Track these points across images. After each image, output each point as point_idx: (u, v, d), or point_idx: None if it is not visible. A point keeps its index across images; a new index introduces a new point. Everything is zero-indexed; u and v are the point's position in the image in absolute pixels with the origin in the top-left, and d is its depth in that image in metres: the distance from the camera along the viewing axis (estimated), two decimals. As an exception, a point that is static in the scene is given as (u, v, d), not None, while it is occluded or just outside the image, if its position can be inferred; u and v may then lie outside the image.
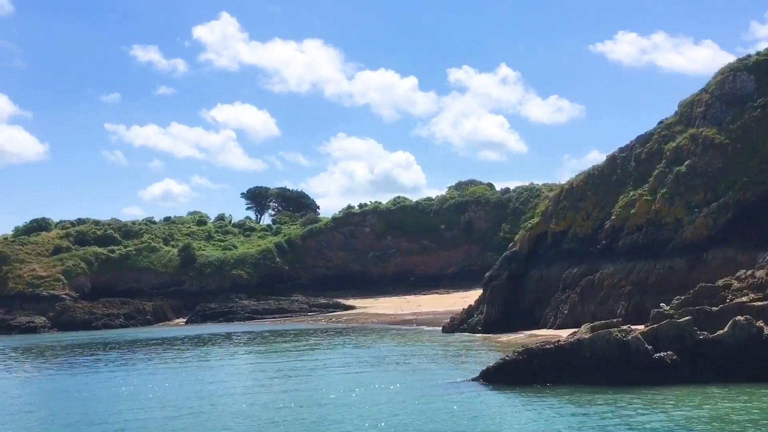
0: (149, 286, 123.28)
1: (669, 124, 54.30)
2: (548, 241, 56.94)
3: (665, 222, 49.52)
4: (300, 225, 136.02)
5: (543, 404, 23.23)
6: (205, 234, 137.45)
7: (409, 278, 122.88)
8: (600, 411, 22.03)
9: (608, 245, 52.08)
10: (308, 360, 41.77)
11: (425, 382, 28.64)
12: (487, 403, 23.84)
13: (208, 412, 25.98)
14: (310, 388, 29.50)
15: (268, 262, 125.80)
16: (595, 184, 55.99)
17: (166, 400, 28.95)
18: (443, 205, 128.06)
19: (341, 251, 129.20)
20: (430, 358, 39.42)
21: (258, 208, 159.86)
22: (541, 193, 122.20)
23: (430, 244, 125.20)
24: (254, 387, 32.08)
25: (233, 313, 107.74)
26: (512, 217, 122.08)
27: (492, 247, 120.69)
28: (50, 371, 45.38)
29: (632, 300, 48.39)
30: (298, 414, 24.11)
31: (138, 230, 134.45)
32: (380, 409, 24.00)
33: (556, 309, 52.56)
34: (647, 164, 53.31)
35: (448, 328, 58.96)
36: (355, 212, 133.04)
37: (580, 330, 27.10)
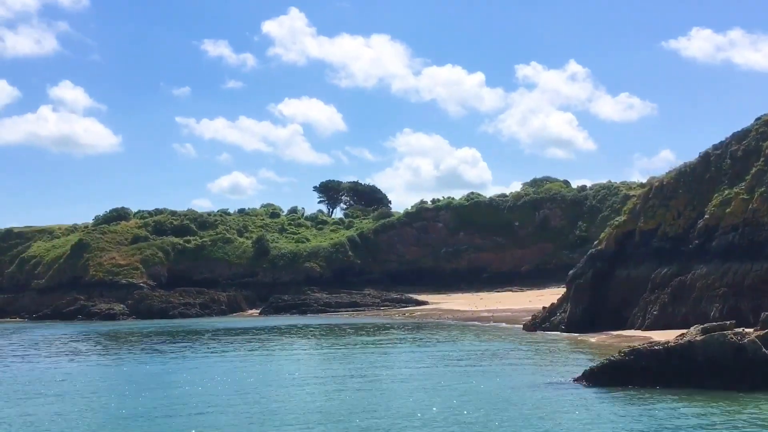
0: (223, 276, 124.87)
1: (767, 120, 52.15)
2: (636, 240, 55.34)
3: (763, 222, 47.49)
4: (372, 219, 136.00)
5: (656, 408, 22.24)
6: (278, 226, 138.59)
7: (481, 275, 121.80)
8: (715, 417, 20.99)
9: (701, 245, 50.30)
10: (398, 356, 41.00)
11: (525, 383, 27.78)
12: (597, 406, 22.89)
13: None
14: (410, 388, 28.71)
15: (341, 256, 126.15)
16: (687, 182, 54.15)
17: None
18: (517, 202, 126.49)
19: (413, 246, 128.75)
20: (521, 357, 38.43)
21: (330, 202, 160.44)
22: (619, 192, 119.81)
23: (504, 241, 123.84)
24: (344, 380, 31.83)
25: (306, 305, 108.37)
26: (588, 215, 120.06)
27: (567, 245, 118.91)
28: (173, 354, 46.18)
29: (727, 302, 46.63)
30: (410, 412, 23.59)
31: (213, 221, 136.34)
32: (487, 409, 23.30)
33: (644, 310, 51.04)
34: (744, 162, 51.26)
35: (529, 326, 57.93)
36: (428, 207, 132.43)
37: (689, 332, 25.94)
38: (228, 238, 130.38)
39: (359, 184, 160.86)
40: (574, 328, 53.74)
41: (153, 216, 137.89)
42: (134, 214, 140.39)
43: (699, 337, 24.54)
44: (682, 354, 24.61)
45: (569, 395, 24.69)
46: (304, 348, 48.14)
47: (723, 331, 24.83)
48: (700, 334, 25.09)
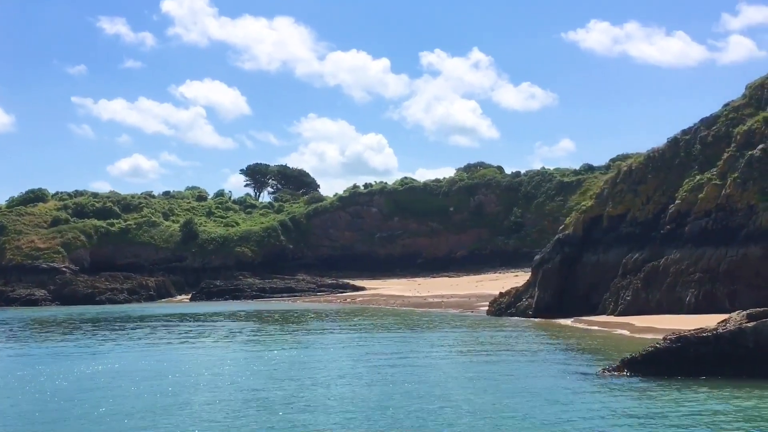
0: (149, 261, 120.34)
1: (736, 106, 52.15)
2: (604, 225, 54.78)
3: (737, 208, 47.37)
4: (304, 203, 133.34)
5: (711, 399, 20.99)
6: (205, 210, 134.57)
7: (416, 260, 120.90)
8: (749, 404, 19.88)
9: (673, 230, 49.95)
10: (391, 346, 38.66)
11: (556, 373, 26.13)
12: (650, 398, 21.45)
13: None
14: (430, 380, 26.62)
15: (273, 240, 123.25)
16: (656, 167, 53.81)
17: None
18: (452, 187, 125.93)
19: (347, 231, 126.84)
20: (528, 346, 36.59)
21: (257, 185, 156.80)
22: (554, 178, 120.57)
23: (439, 227, 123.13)
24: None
25: (240, 291, 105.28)
26: (523, 201, 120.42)
27: (503, 231, 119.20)
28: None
29: (702, 288, 46.35)
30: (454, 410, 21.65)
31: (137, 204, 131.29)
32: (539, 403, 21.58)
33: (616, 295, 50.44)
34: (714, 147, 51.15)
35: (494, 312, 56.82)
36: (361, 192, 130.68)
37: (732, 317, 24.87)
38: (154, 221, 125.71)
39: (287, 167, 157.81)
40: (542, 314, 52.86)
41: (73, 198, 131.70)
42: (52, 195, 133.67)
43: (749, 323, 23.49)
44: (732, 341, 23.52)
45: (610, 387, 23.17)
46: (333, 341, 43.86)
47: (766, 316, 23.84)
48: (746, 320, 24.05)
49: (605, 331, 42.76)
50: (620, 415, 19.69)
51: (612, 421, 19.09)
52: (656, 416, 19.53)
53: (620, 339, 38.59)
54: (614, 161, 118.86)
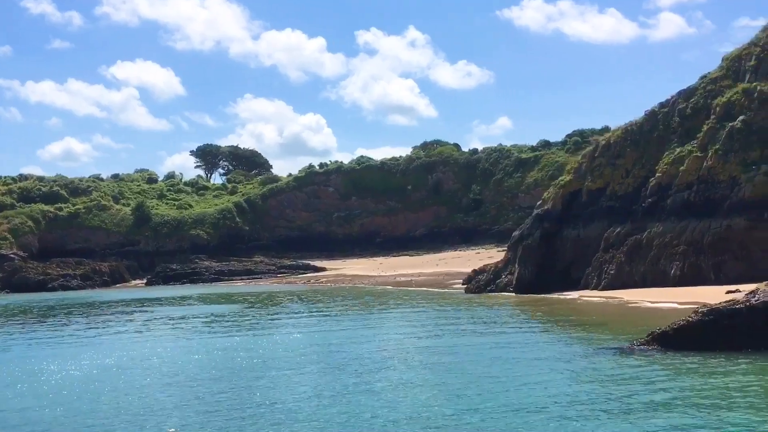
0: (100, 246, 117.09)
1: (714, 78, 52.11)
2: (583, 199, 54.44)
3: (719, 180, 47.38)
4: (258, 184, 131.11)
5: (749, 373, 20.46)
6: (156, 192, 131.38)
7: (375, 239, 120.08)
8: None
9: (655, 203, 49.81)
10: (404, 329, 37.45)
11: (586, 350, 25.33)
12: (694, 372, 20.84)
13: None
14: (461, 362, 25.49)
15: (228, 222, 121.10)
16: (635, 141, 53.60)
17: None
18: (410, 165, 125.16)
19: (304, 211, 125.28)
20: (533, 323, 35.74)
21: (208, 167, 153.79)
22: (511, 155, 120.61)
23: (397, 205, 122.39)
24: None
25: (197, 274, 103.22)
26: (482, 178, 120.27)
27: (461, 208, 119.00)
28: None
29: (687, 260, 46.33)
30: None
31: (86, 187, 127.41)
32: (583, 382, 20.82)
33: (599, 269, 50.22)
34: (693, 120, 51.08)
35: (473, 289, 56.16)
36: (318, 171, 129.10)
37: (760, 288, 24.46)
38: (104, 204, 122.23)
39: (239, 148, 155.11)
40: (524, 290, 52.41)
41: (18, 182, 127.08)
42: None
43: (784, 294, 23.08)
44: (765, 311, 23.05)
45: (648, 361, 22.54)
46: (370, 323, 41.46)
47: (801, 286, 23.50)
48: (778, 291, 23.66)
49: (605, 305, 42.28)
50: (671, 390, 19.03)
51: (662, 396, 18.45)
52: (705, 389, 18.93)
53: (628, 311, 38.08)
54: (570, 137, 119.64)
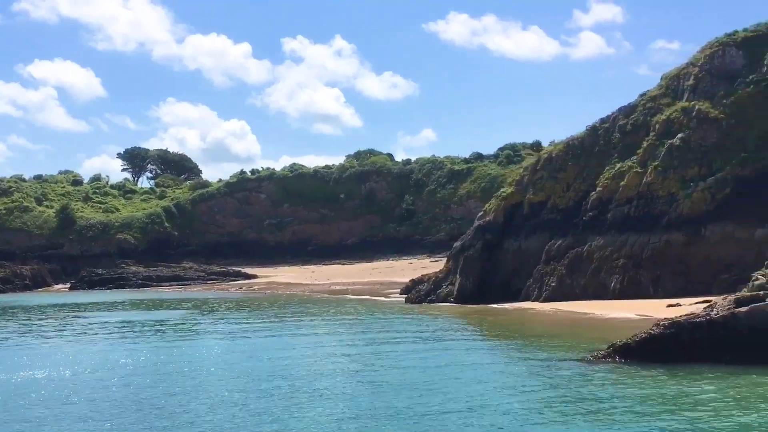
0: (22, 248, 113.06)
1: (653, 96, 53.43)
2: (525, 212, 54.96)
3: (658, 195, 48.53)
4: (188, 189, 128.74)
5: (704, 385, 20.73)
6: (81, 195, 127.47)
7: (307, 248, 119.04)
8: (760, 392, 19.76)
9: (595, 217, 50.64)
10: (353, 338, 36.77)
11: (546, 362, 25.33)
12: (653, 384, 21.00)
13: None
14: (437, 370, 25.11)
15: (157, 227, 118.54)
16: (576, 155, 54.46)
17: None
18: (343, 174, 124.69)
19: (235, 218, 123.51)
20: (491, 333, 35.68)
21: (135, 170, 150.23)
22: (444, 166, 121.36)
23: (330, 214, 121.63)
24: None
25: (124, 279, 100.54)
26: (415, 188, 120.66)
27: (394, 218, 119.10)
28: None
29: (627, 273, 47.22)
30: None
31: (7, 188, 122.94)
32: (540, 393, 20.76)
33: (540, 281, 50.69)
34: (633, 136, 52.22)
35: (413, 299, 55.94)
36: (250, 177, 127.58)
37: (719, 302, 24.84)
38: (26, 206, 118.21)
39: (168, 152, 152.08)
40: (464, 300, 52.48)
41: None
42: None
43: (743, 308, 23.46)
44: (725, 326, 23.44)
45: (616, 373, 22.67)
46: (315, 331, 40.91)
47: (757, 301, 23.91)
48: (734, 306, 24.04)
49: (554, 316, 42.53)
50: (630, 401, 19.12)
51: (620, 406, 18.54)
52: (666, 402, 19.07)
53: (579, 323, 38.35)
54: (503, 150, 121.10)
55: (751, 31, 51.77)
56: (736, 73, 50.54)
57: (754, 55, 50.62)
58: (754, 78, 49.24)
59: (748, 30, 51.97)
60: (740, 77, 50.18)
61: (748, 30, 51.97)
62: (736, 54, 51.07)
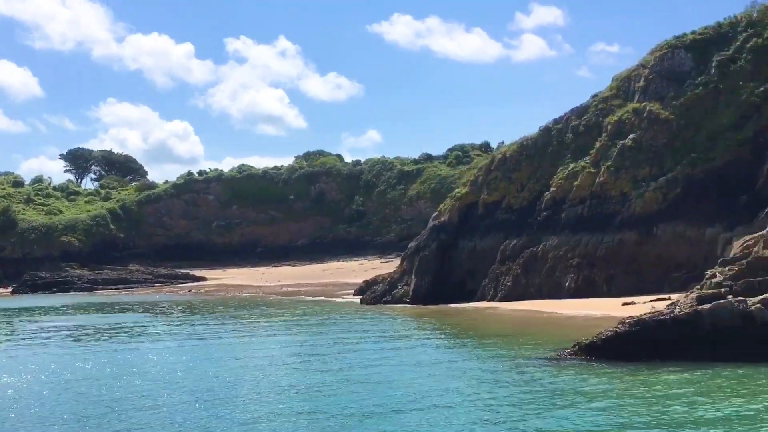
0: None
1: (605, 97, 54.12)
2: (480, 212, 55.23)
3: (611, 195, 49.12)
4: (134, 190, 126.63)
5: (667, 383, 20.97)
6: (23, 197, 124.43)
7: (256, 249, 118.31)
8: (728, 389, 20.00)
9: (549, 217, 51.08)
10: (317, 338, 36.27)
11: (514, 360, 25.33)
12: (620, 382, 21.16)
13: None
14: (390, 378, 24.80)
15: (102, 229, 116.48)
16: (529, 155, 54.88)
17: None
18: (293, 175, 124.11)
19: (182, 219, 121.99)
20: (448, 334, 35.54)
21: (78, 171, 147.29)
22: (394, 167, 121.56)
23: (279, 215, 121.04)
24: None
25: (69, 283, 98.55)
26: (365, 189, 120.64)
27: (344, 219, 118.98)
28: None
29: (581, 273, 47.71)
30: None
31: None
32: (509, 393, 20.74)
33: (496, 281, 50.95)
34: (586, 137, 52.82)
35: (368, 300, 55.72)
36: (197, 179, 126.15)
37: (681, 300, 25.16)
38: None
39: (112, 153, 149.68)
40: (420, 301, 52.51)
41: None
42: None
43: (705, 306, 23.79)
44: (689, 323, 23.71)
45: (584, 371, 22.79)
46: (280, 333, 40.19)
47: (719, 298, 24.27)
48: (696, 303, 24.38)
49: (514, 315, 42.66)
50: (614, 399, 19.23)
51: (608, 405, 18.64)
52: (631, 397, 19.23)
53: (540, 321, 38.50)
54: (452, 151, 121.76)
55: (698, 33, 52.73)
56: (685, 75, 51.40)
57: (702, 57, 51.59)
58: (702, 80, 50.13)
59: (696, 32, 52.93)
60: (689, 79, 51.03)
61: (696, 32, 52.93)
62: (685, 56, 51.97)
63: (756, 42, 49.45)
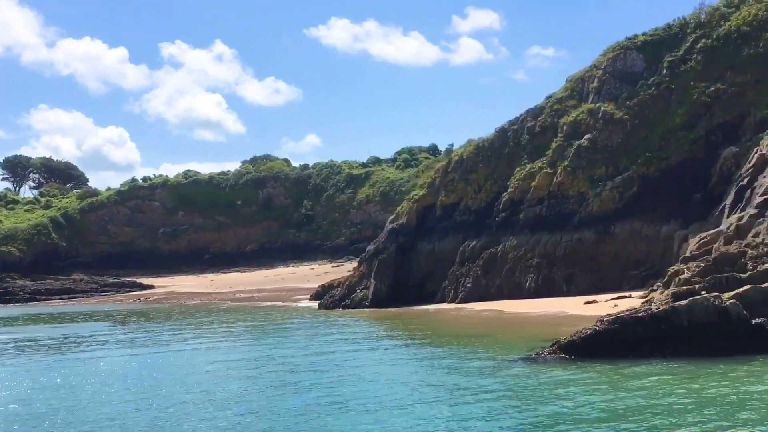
0: None
1: (560, 98, 54.60)
2: (438, 214, 55.17)
3: (569, 195, 49.53)
4: (76, 198, 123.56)
5: (657, 378, 21.06)
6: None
7: (204, 256, 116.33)
8: (712, 383, 20.18)
9: (508, 217, 51.26)
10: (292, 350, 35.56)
11: (495, 362, 25.04)
12: (598, 379, 21.17)
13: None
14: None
15: (43, 238, 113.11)
16: (486, 156, 55.05)
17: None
18: (239, 180, 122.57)
19: (127, 227, 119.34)
20: (417, 336, 35.11)
21: (16, 179, 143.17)
22: (342, 171, 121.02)
23: (227, 221, 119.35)
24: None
25: (10, 294, 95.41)
26: (313, 193, 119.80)
27: (293, 223, 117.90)
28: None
29: (541, 272, 47.99)
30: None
31: None
32: (485, 393, 20.60)
33: (456, 282, 50.89)
34: (542, 137, 53.19)
35: (327, 305, 55.14)
36: (142, 185, 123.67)
37: (656, 297, 25.33)
38: None
39: (52, 160, 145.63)
40: (380, 304, 52.17)
41: None
42: None
43: (682, 302, 23.95)
44: (667, 320, 23.85)
45: (566, 369, 22.74)
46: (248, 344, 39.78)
47: (693, 295, 24.48)
48: (671, 299, 24.56)
49: (478, 316, 42.55)
50: (602, 398, 19.19)
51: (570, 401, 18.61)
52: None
53: (506, 322, 38.39)
54: (400, 154, 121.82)
55: (649, 35, 53.63)
56: (637, 76, 52.23)
57: (653, 58, 52.45)
58: (654, 80, 50.99)
59: (647, 34, 53.80)
60: (641, 79, 51.87)
61: (647, 34, 53.80)
62: (637, 57, 52.80)
63: (705, 43, 50.52)
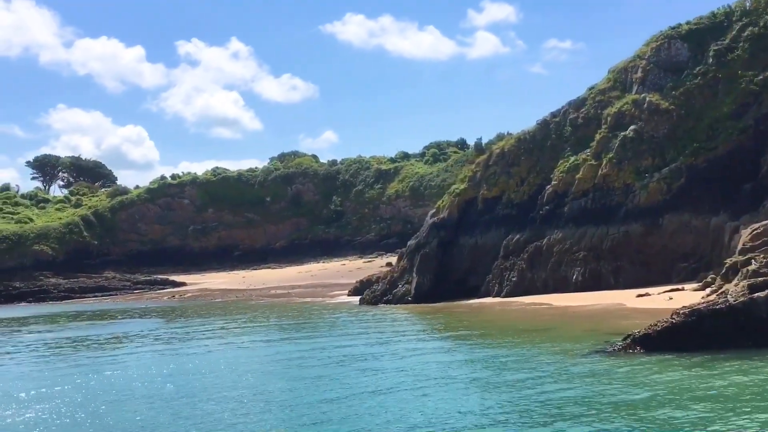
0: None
1: (602, 89, 53.89)
2: (479, 208, 54.66)
3: (614, 187, 48.89)
4: (106, 196, 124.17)
5: (732, 373, 20.55)
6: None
7: (233, 253, 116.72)
8: None
9: (552, 210, 50.69)
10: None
11: (564, 356, 24.58)
12: (677, 374, 20.70)
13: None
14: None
15: (75, 237, 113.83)
16: (528, 149, 54.47)
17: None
18: (268, 177, 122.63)
19: (157, 224, 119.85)
20: (483, 332, 34.51)
21: (46, 178, 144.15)
22: (371, 166, 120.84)
23: (256, 217, 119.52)
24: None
25: (45, 292, 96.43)
26: (342, 189, 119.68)
27: (322, 219, 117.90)
28: None
29: (588, 266, 47.36)
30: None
31: None
32: (574, 384, 20.20)
33: (500, 277, 50.38)
34: (585, 129, 52.55)
35: (369, 300, 54.77)
36: (172, 183, 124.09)
37: (731, 288, 24.80)
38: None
39: (81, 159, 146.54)
40: (423, 299, 51.67)
41: None
42: None
43: (761, 293, 23.41)
44: (745, 312, 23.33)
45: (640, 363, 22.27)
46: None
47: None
48: (748, 291, 24.01)
49: (530, 310, 41.97)
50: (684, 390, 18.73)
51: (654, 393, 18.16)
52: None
53: (564, 316, 37.74)
54: (428, 149, 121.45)
55: (693, 23, 52.80)
56: (682, 65, 51.42)
57: (697, 47, 51.65)
58: (700, 69, 50.17)
59: (691, 23, 52.97)
60: (686, 69, 51.06)
61: (691, 23, 52.97)
62: (681, 46, 51.99)
63: (752, 31, 49.63)
